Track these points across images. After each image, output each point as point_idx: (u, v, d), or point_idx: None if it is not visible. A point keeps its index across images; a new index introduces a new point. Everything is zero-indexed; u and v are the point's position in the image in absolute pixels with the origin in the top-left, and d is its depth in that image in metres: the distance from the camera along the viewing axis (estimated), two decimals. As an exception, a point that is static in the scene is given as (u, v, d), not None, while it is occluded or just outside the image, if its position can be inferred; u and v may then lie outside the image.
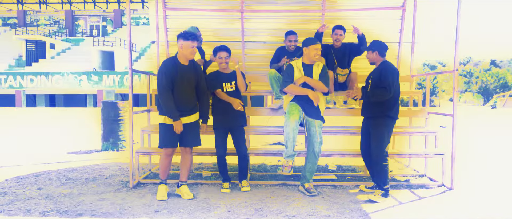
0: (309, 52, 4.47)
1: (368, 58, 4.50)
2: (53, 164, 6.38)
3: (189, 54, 4.18)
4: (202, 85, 4.41)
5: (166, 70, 4.11)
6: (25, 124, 14.42)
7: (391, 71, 4.28)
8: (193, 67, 4.31)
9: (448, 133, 5.09)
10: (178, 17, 6.52)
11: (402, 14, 6.31)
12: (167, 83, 4.10)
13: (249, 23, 6.49)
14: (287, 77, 4.48)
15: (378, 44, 4.44)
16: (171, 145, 4.27)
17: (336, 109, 5.61)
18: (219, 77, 4.67)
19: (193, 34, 4.16)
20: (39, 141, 9.51)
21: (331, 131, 5.27)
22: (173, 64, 4.16)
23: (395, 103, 4.35)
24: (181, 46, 4.15)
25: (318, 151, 4.52)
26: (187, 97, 4.26)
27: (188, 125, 4.30)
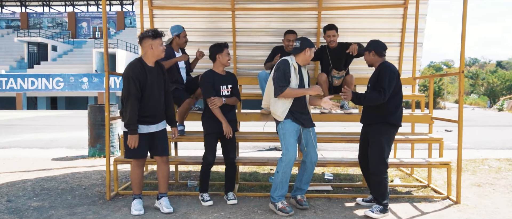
0: (309, 54, 3.95)
1: (365, 60, 4.06)
2: (33, 172, 6.03)
3: (161, 52, 3.80)
4: (167, 86, 4.00)
5: (135, 75, 3.68)
6: (20, 127, 14.12)
7: (388, 71, 3.81)
8: (159, 69, 3.91)
9: (454, 137, 4.66)
10: (166, 16, 6.16)
11: (404, 12, 5.90)
12: (137, 90, 3.68)
13: (241, 22, 6.12)
14: (284, 80, 3.79)
15: (374, 43, 4.02)
16: (140, 154, 3.87)
17: (332, 115, 5.21)
18: (216, 79, 4.23)
19: (158, 31, 3.78)
20: (28, 145, 9.17)
21: (327, 138, 4.86)
22: (141, 67, 3.74)
23: (396, 108, 3.89)
24: (150, 46, 3.75)
25: (316, 161, 4.14)
26: (157, 103, 3.86)
27: (159, 133, 3.92)
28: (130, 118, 3.68)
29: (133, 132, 3.70)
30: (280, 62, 3.90)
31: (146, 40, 3.75)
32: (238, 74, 6.32)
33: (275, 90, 3.84)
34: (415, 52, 5.83)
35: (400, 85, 3.90)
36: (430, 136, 4.99)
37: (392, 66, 3.90)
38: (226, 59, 4.25)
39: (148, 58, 3.80)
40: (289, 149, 3.85)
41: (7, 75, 31.73)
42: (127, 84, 3.69)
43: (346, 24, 5.96)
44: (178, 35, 4.93)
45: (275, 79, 3.83)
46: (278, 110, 3.89)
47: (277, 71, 3.84)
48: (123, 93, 3.72)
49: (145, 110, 3.77)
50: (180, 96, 4.79)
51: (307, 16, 6.03)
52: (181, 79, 4.95)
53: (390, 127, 3.91)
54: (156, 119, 3.86)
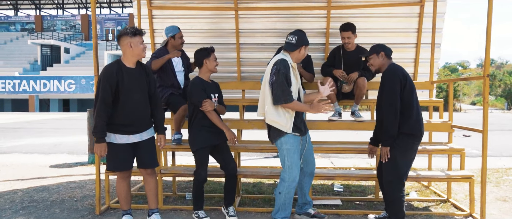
0: (303, 53, 3.51)
1: (373, 65, 3.56)
2: (26, 181, 5.75)
3: (141, 52, 3.42)
4: (154, 89, 3.60)
5: (106, 77, 3.30)
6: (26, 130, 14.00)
7: (388, 74, 3.37)
8: (142, 70, 3.52)
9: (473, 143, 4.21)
10: (166, 17, 5.83)
11: (420, 10, 5.46)
12: (107, 94, 3.29)
13: (245, 23, 5.74)
14: (287, 86, 3.34)
15: (380, 45, 3.59)
16: (123, 166, 3.50)
17: (342, 123, 4.80)
18: (206, 87, 3.87)
19: (137, 29, 3.42)
20: (30, 151, 8.96)
21: (336, 149, 4.45)
22: (118, 69, 3.36)
23: (410, 115, 3.37)
24: (129, 45, 3.37)
25: (314, 170, 3.76)
26: (141, 108, 3.47)
27: (145, 143, 3.54)
28: (96, 124, 3.31)
29: (100, 139, 3.33)
30: (280, 63, 3.39)
31: (124, 38, 3.38)
32: (242, 78, 5.95)
33: (277, 97, 3.35)
34: (432, 54, 5.37)
35: (410, 87, 3.38)
36: (450, 146, 4.54)
37: (393, 69, 3.42)
38: (214, 64, 3.89)
39: (127, 59, 3.43)
40: (293, 168, 3.44)
41: (20, 77, 31.99)
42: (98, 88, 3.35)
43: (358, 24, 5.49)
44: (173, 37, 4.58)
45: (277, 84, 3.35)
46: (282, 119, 3.43)
47: (277, 74, 3.35)
48: (95, 99, 3.38)
49: (122, 117, 3.39)
50: (177, 102, 4.44)
51: (315, 15, 5.62)
52: (178, 84, 4.59)
53: (406, 137, 3.40)
54: (137, 128, 3.47)
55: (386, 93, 3.33)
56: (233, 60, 5.90)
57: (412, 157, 3.49)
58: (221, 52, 5.87)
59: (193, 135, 3.89)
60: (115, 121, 3.39)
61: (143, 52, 3.43)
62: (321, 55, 5.76)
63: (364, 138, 4.84)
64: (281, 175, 3.51)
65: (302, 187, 3.77)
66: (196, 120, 3.87)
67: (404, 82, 3.33)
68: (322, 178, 4.30)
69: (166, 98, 4.52)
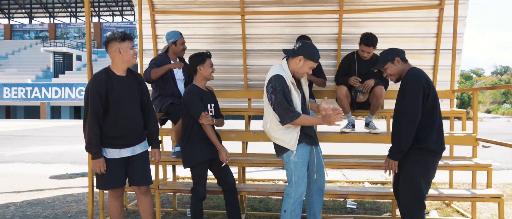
0: (301, 65, 3.10)
1: (390, 75, 3.11)
2: (22, 193, 5.49)
3: (131, 58, 3.12)
4: (147, 99, 3.31)
5: (95, 86, 3.01)
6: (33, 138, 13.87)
7: (410, 79, 2.91)
8: (133, 77, 3.23)
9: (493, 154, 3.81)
10: (169, 22, 5.56)
11: (439, 14, 5.09)
12: (97, 105, 3.00)
13: (252, 28, 5.44)
14: (288, 104, 3.00)
15: (392, 50, 3.13)
16: (114, 184, 3.18)
17: (356, 134, 4.43)
18: (202, 97, 3.58)
19: (126, 33, 3.13)
20: (32, 160, 8.75)
21: (348, 164, 4.08)
22: (107, 77, 3.07)
23: (433, 129, 2.94)
24: (118, 50, 3.08)
25: (324, 186, 3.41)
26: (133, 119, 3.17)
27: (138, 157, 3.22)
28: (90, 138, 3.01)
29: (96, 155, 3.03)
30: (274, 80, 3.03)
31: (112, 44, 3.09)
32: (248, 86, 5.63)
33: (282, 118, 3.02)
34: (454, 60, 4.97)
35: (434, 96, 2.94)
36: (475, 161, 4.13)
37: (415, 74, 2.95)
38: (209, 71, 3.58)
39: (117, 66, 3.14)
40: (299, 183, 3.10)
41: (32, 84, 32.22)
42: (86, 98, 3.05)
43: (372, 29, 5.14)
44: (174, 42, 4.29)
45: (277, 104, 3.02)
46: (286, 135, 3.10)
47: (274, 93, 3.02)
48: (84, 110, 3.08)
49: (114, 129, 3.09)
50: (177, 112, 4.13)
51: (327, 20, 5.29)
52: (178, 93, 4.29)
53: (426, 154, 2.97)
54: (129, 140, 3.16)
55: (406, 100, 2.90)
56: (239, 68, 5.59)
57: (433, 175, 3.09)
58: (227, 59, 5.58)
59: (190, 150, 3.57)
60: (105, 133, 3.09)
61: (133, 58, 3.13)
62: (333, 62, 5.42)
63: (379, 151, 4.47)
64: (286, 190, 3.16)
65: (312, 207, 3.41)
66: (193, 132, 3.56)
67: (427, 90, 2.90)
68: (333, 195, 3.94)
69: (166, 108, 4.22)
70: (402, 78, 3.02)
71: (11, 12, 49.52)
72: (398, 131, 2.95)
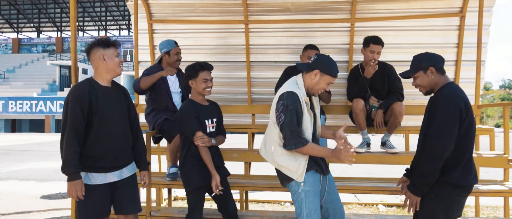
0: (317, 81, 2.68)
1: (420, 86, 2.61)
2: (7, 216, 5.09)
3: (117, 66, 2.75)
4: (134, 115, 2.92)
5: (76, 97, 2.62)
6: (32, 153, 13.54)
7: (445, 100, 2.41)
8: (119, 90, 2.86)
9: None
10: (168, 31, 5.19)
11: (460, 22, 4.68)
12: (79, 120, 2.61)
13: (256, 38, 5.06)
14: (298, 127, 2.58)
15: (428, 56, 2.59)
16: (101, 213, 2.73)
17: (371, 154, 3.98)
18: (200, 112, 3.17)
19: (111, 39, 2.75)
20: (27, 177, 8.36)
21: (362, 188, 3.63)
22: (90, 88, 2.69)
23: (462, 160, 2.43)
24: (101, 58, 2.70)
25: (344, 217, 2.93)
26: (120, 136, 2.77)
27: (125, 182, 2.80)
28: (67, 156, 2.58)
29: (73, 176, 2.58)
30: (287, 97, 2.60)
31: (95, 50, 2.71)
32: (252, 101, 5.22)
33: (288, 142, 2.58)
34: (478, 72, 4.53)
35: (469, 121, 2.42)
36: (508, 185, 3.65)
37: (452, 94, 2.43)
38: (201, 87, 3.16)
39: (101, 75, 2.76)
40: (312, 215, 2.62)
41: (37, 98, 32.17)
42: (65, 111, 2.65)
43: (386, 38, 4.70)
44: (167, 52, 3.90)
45: (286, 125, 2.57)
46: (295, 164, 2.64)
47: (285, 112, 2.58)
48: (62, 124, 2.68)
49: (98, 148, 2.68)
50: (172, 129, 3.72)
51: (337, 29, 4.90)
52: (173, 107, 3.89)
53: (449, 188, 2.45)
54: (116, 161, 2.75)
55: (438, 125, 2.40)
56: (242, 80, 5.20)
57: (458, 214, 2.55)
58: (229, 71, 5.19)
59: (186, 172, 3.17)
60: (87, 153, 2.67)
61: (118, 68, 2.75)
62: (344, 74, 4.98)
63: (397, 174, 4.01)
64: None
65: None
66: (189, 153, 3.16)
67: (464, 115, 2.39)
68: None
69: (160, 125, 3.82)
70: (435, 95, 2.53)
71: (19, 26, 49.96)
72: (424, 160, 2.45)
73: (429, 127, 2.45)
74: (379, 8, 4.73)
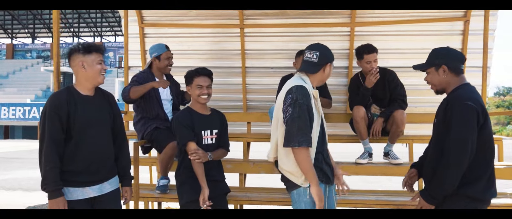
0: (329, 72, 2.51)
1: (431, 83, 2.42)
2: (-12, 230, 4.80)
3: (98, 75, 2.52)
4: (119, 125, 2.71)
5: (54, 108, 2.42)
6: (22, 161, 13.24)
7: (457, 105, 2.18)
8: (104, 98, 2.65)
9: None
10: (161, 36, 4.98)
11: (464, 27, 4.50)
12: (57, 132, 2.41)
13: (252, 43, 4.86)
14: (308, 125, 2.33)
15: (444, 52, 2.37)
16: None
17: (373, 166, 3.77)
18: (196, 121, 2.98)
19: (93, 44, 2.54)
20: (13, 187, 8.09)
21: (364, 202, 3.40)
22: (69, 97, 2.48)
23: (480, 169, 2.22)
24: (81, 65, 2.49)
25: None
26: (101, 150, 2.56)
27: (107, 197, 2.58)
28: (47, 173, 2.38)
29: (54, 194, 2.37)
30: (296, 91, 2.35)
31: (75, 56, 2.50)
32: (248, 108, 5.01)
33: (289, 136, 2.31)
34: (484, 79, 4.34)
35: (487, 130, 2.22)
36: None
37: (466, 96, 2.20)
38: (196, 93, 2.96)
39: (81, 83, 2.55)
40: None
41: (31, 104, 31.87)
42: (42, 122, 2.45)
43: (387, 43, 4.61)
44: (158, 57, 3.68)
45: (291, 119, 2.31)
46: (298, 170, 2.39)
47: (293, 106, 2.32)
48: (40, 138, 2.47)
49: (77, 162, 2.47)
50: (162, 138, 3.49)
51: (337, 33, 4.72)
52: (164, 115, 3.66)
53: (470, 202, 2.23)
54: (96, 176, 2.53)
55: (456, 134, 2.16)
56: (237, 87, 4.99)
57: None
58: (224, 77, 4.97)
59: (179, 185, 2.98)
60: (66, 167, 2.46)
61: (100, 76, 2.53)
62: (344, 81, 4.81)
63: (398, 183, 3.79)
64: None
65: None
66: (183, 164, 2.97)
67: (482, 120, 2.19)
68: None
69: (150, 134, 3.59)
70: (448, 97, 2.31)
71: (14, 31, 49.63)
72: (444, 168, 2.21)
73: (447, 134, 2.21)
74: (380, 12, 4.54)
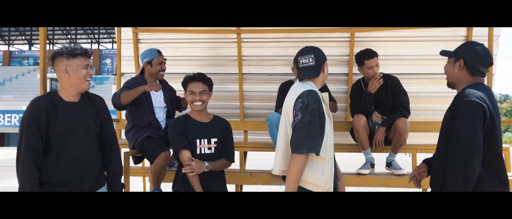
0: (327, 71, 2.43)
1: (445, 71, 2.32)
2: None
3: (82, 80, 2.36)
4: (107, 131, 2.54)
5: (32, 116, 2.28)
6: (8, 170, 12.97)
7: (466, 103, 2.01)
8: (90, 103, 2.48)
9: None
10: (155, 41, 4.83)
11: (467, 33, 4.39)
12: (36, 141, 2.27)
13: (249, 49, 4.73)
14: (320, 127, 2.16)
15: (468, 48, 2.22)
16: None
17: (375, 177, 3.61)
18: (190, 128, 2.83)
19: (78, 47, 2.37)
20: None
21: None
22: (49, 104, 2.32)
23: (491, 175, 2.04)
24: (64, 70, 2.32)
25: None
26: (84, 160, 2.39)
27: None
28: (24, 184, 2.24)
29: None
30: (307, 95, 2.20)
31: (58, 60, 2.34)
32: (245, 116, 4.85)
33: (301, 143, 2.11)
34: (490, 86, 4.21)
35: (495, 131, 2.04)
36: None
37: (472, 93, 2.02)
38: (189, 99, 2.85)
39: (65, 89, 2.39)
40: None
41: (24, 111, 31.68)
42: (20, 132, 2.30)
43: (388, 49, 4.49)
44: (149, 62, 3.53)
45: (301, 125, 2.14)
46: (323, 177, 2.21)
47: (304, 111, 2.15)
48: (18, 147, 2.32)
49: (58, 174, 2.31)
50: (154, 148, 3.33)
51: (336, 39, 4.59)
52: (156, 123, 3.50)
53: None
54: (80, 188, 2.36)
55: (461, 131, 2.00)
56: (234, 94, 4.84)
57: None
58: (220, 84, 4.79)
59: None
60: (47, 180, 2.31)
61: (84, 82, 2.37)
62: (344, 88, 4.67)
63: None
64: None
65: None
66: (179, 175, 2.86)
67: (490, 121, 2.01)
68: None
69: (141, 143, 3.42)
70: (456, 95, 2.16)
71: (11, 38, 49.51)
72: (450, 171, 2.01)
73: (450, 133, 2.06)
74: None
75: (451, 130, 2.06)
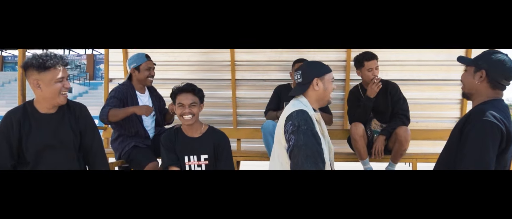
0: (323, 86, 2.26)
1: (462, 81, 2.12)
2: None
3: (56, 95, 2.17)
4: (90, 141, 2.36)
5: (6, 130, 2.13)
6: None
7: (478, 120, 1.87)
8: (68, 113, 2.30)
9: None
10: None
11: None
12: (5, 157, 2.11)
13: (242, 54, 4.56)
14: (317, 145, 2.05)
15: (484, 56, 2.02)
16: None
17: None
18: (179, 144, 2.67)
19: (51, 58, 2.17)
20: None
21: None
22: (23, 117, 2.17)
23: None
24: (36, 84, 2.14)
25: None
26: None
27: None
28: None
29: None
30: (297, 116, 2.10)
31: (29, 73, 2.16)
32: (238, 123, 4.68)
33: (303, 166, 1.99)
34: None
35: (507, 153, 1.91)
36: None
37: (490, 113, 1.86)
38: (178, 112, 2.66)
39: (39, 102, 2.23)
40: None
41: (19, 117, 31.38)
42: None
43: (387, 54, 4.33)
44: (136, 68, 3.36)
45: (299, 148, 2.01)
46: None
47: (297, 133, 2.04)
48: None
49: None
50: (141, 158, 3.14)
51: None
52: (144, 132, 3.32)
53: None
54: None
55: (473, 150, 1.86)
56: (227, 101, 4.67)
57: None
58: (212, 90, 4.65)
59: None
60: None
61: (59, 96, 2.18)
62: (340, 94, 4.51)
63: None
64: None
65: None
66: None
67: (505, 144, 1.87)
68: None
69: (127, 153, 3.23)
70: (472, 109, 2.01)
71: (4, 43, 49.18)
72: None
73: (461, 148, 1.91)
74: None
75: (462, 145, 1.91)
